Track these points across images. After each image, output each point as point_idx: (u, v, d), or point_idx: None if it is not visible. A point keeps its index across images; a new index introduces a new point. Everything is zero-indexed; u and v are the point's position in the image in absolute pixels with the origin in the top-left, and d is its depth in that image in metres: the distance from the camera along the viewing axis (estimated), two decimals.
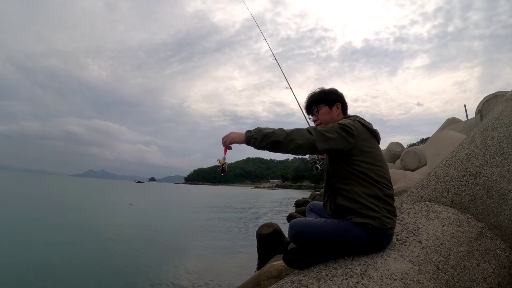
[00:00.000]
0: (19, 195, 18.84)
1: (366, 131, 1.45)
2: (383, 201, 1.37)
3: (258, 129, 1.37)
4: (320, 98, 1.65)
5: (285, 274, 2.50)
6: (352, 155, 1.39)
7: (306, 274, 1.31)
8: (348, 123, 1.40)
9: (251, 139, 1.35)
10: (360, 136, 1.40)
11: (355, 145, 1.38)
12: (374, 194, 1.36)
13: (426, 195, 2.27)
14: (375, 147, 1.46)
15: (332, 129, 1.36)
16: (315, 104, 1.66)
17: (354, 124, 1.41)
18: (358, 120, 1.48)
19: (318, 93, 1.68)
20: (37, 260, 5.05)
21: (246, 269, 5.06)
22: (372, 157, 1.41)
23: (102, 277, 4.40)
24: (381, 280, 1.16)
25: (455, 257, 1.47)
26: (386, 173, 1.45)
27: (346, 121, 1.43)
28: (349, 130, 1.37)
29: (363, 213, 1.34)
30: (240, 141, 1.40)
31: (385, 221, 1.33)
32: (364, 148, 1.40)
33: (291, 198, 30.15)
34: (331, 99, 1.63)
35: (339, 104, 1.64)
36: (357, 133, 1.39)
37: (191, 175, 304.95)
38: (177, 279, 4.46)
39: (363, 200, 1.35)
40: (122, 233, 7.90)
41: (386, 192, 1.39)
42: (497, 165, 2.02)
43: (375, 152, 1.44)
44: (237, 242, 7.42)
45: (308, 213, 1.81)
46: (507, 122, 2.26)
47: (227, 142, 1.43)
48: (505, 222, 1.84)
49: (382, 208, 1.35)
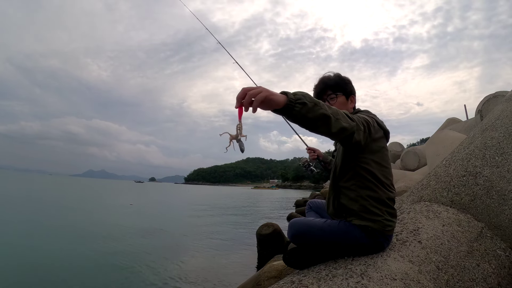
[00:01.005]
0: (20, 195, 18.84)
1: (380, 129, 1.38)
2: (385, 204, 1.35)
3: (305, 93, 0.99)
4: (339, 85, 1.49)
5: (285, 274, 2.50)
6: (364, 152, 1.32)
7: (306, 274, 1.31)
8: (370, 119, 1.29)
9: (297, 104, 0.93)
10: (376, 134, 1.32)
11: (369, 143, 1.30)
12: (377, 197, 1.33)
13: (426, 195, 2.27)
14: (385, 147, 1.41)
15: (361, 120, 1.19)
16: (333, 90, 1.47)
17: (373, 122, 1.31)
18: (375, 118, 1.39)
19: (337, 78, 1.50)
20: (37, 260, 5.05)
21: (246, 269, 5.06)
22: (381, 158, 1.37)
23: (102, 277, 4.40)
24: (381, 280, 1.16)
25: (455, 257, 1.47)
26: (391, 174, 1.43)
27: (367, 117, 1.30)
28: (371, 127, 1.26)
29: (365, 216, 1.32)
30: (276, 103, 0.92)
31: (385, 224, 1.32)
32: (375, 147, 1.35)
33: (291, 198, 30.14)
34: (349, 89, 1.51)
35: (354, 97, 1.53)
36: (374, 131, 1.30)
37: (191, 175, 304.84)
38: (177, 279, 4.46)
39: (366, 203, 1.33)
40: (122, 233, 7.90)
41: (389, 195, 1.37)
42: (497, 165, 2.02)
43: (385, 153, 1.39)
44: (237, 242, 7.42)
45: (307, 212, 1.80)
46: (507, 122, 2.26)
47: (257, 101, 0.89)
48: (505, 222, 1.83)
49: (384, 211, 1.33)
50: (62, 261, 5.07)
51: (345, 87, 1.51)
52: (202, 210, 16.18)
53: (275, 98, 0.91)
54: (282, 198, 32.85)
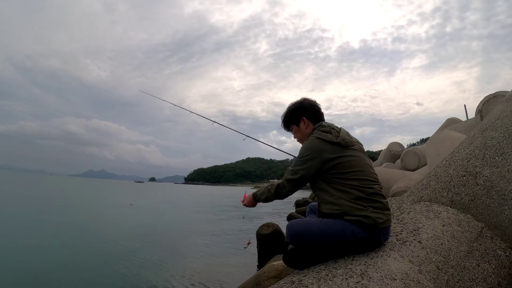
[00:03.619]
0: (20, 196, 18.84)
1: (327, 144, 1.47)
2: (368, 200, 1.40)
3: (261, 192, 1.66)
4: (287, 119, 1.73)
5: (285, 274, 2.50)
6: (323, 172, 1.45)
7: (306, 274, 1.31)
8: (305, 149, 1.49)
9: (258, 199, 1.68)
10: (323, 154, 1.44)
11: (321, 165, 1.44)
12: (356, 196, 1.40)
13: (426, 195, 2.27)
14: (344, 155, 1.46)
15: (296, 168, 1.49)
16: (286, 126, 1.76)
17: (312, 147, 1.47)
18: (317, 137, 1.50)
19: (286, 113, 1.74)
20: (37, 260, 5.05)
21: (246, 269, 5.06)
22: (343, 167, 1.44)
23: (102, 277, 4.40)
24: (381, 280, 1.16)
25: (455, 257, 1.47)
26: (367, 173, 1.47)
27: (305, 147, 1.51)
28: (308, 157, 1.46)
29: (353, 213, 1.38)
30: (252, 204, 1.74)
31: (374, 217, 1.37)
32: (331, 163, 1.43)
33: (291, 198, 30.10)
34: (296, 116, 1.68)
35: (304, 117, 1.66)
36: (318, 154, 1.44)
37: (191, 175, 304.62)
38: (177, 279, 4.46)
39: (348, 203, 1.39)
40: (122, 233, 7.90)
41: (368, 191, 1.41)
42: (497, 165, 2.02)
43: (345, 160, 1.45)
44: (237, 242, 7.42)
45: (308, 214, 1.82)
46: (507, 122, 2.26)
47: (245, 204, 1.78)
48: (505, 222, 1.84)
49: (368, 206, 1.39)
50: (62, 261, 5.07)
51: (293, 117, 1.70)
52: (202, 210, 16.18)
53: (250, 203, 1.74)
54: None
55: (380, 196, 1.45)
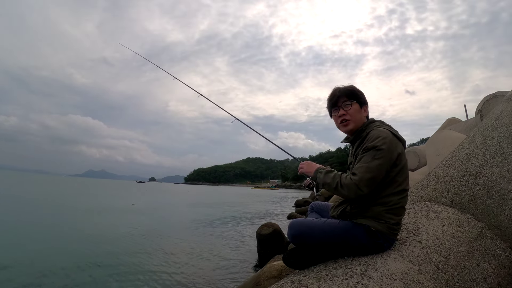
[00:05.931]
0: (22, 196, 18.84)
1: (397, 141, 1.39)
2: (397, 213, 1.37)
3: (329, 169, 1.47)
4: (353, 93, 1.54)
5: (285, 274, 2.50)
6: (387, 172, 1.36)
7: (306, 274, 1.31)
8: (379, 140, 1.33)
9: (319, 173, 1.48)
10: (397, 151, 1.36)
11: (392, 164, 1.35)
12: (392, 208, 1.35)
13: (426, 195, 2.27)
14: (404, 159, 1.41)
15: (372, 164, 1.30)
16: (348, 97, 1.53)
17: (385, 139, 1.33)
18: (390, 130, 1.42)
19: (351, 87, 1.56)
20: (37, 260, 5.06)
21: (246, 269, 5.06)
22: (402, 172, 1.38)
23: (103, 277, 4.40)
24: (381, 280, 1.16)
25: (455, 257, 1.47)
26: (407, 183, 1.43)
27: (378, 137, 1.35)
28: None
29: (371, 216, 1.34)
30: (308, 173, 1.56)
31: (392, 228, 1.36)
32: (400, 164, 1.37)
33: (291, 198, 30.14)
34: (363, 99, 1.57)
35: (367, 107, 1.58)
36: (395, 149, 1.34)
37: (191, 175, 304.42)
38: (178, 278, 4.46)
39: (379, 209, 1.34)
40: (123, 233, 7.90)
41: (403, 204, 1.40)
42: (497, 165, 2.02)
43: (405, 164, 1.41)
44: (237, 242, 7.42)
45: (309, 213, 1.79)
46: (507, 122, 2.26)
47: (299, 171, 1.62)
48: (505, 222, 1.84)
49: (389, 219, 1.34)
50: (62, 261, 5.07)
51: (359, 96, 1.56)
52: (202, 210, 16.18)
53: (307, 171, 1.56)
54: (282, 198, 32.86)
55: (404, 210, 1.43)
